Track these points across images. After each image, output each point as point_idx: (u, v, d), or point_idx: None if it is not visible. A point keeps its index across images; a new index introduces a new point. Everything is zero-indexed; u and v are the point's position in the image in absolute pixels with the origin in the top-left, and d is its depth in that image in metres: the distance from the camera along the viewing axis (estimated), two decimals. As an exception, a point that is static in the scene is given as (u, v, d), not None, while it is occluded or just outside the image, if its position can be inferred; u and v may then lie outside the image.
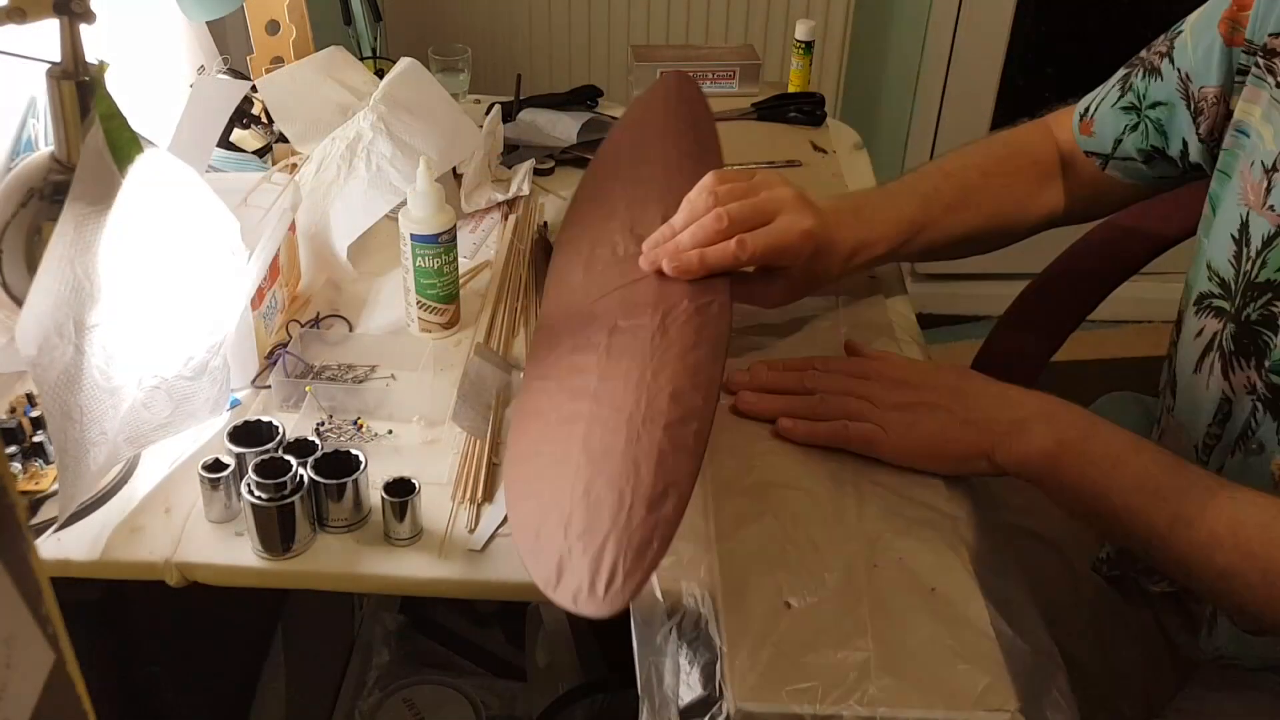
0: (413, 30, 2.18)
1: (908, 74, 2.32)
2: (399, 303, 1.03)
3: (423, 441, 0.88)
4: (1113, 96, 0.98)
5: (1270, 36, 0.82)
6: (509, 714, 1.44)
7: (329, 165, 1.09)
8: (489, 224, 1.20)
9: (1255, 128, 0.84)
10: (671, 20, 2.20)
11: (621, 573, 0.63)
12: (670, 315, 0.82)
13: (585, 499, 0.69)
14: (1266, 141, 0.83)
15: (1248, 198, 0.84)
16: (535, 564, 0.70)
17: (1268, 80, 0.83)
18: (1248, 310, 0.83)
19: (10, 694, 0.36)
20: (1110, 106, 0.98)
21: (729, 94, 1.51)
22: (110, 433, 0.75)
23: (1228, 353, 0.85)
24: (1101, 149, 0.99)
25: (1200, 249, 0.91)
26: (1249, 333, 0.83)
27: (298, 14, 1.29)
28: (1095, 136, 1.00)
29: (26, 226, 0.75)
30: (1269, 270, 0.81)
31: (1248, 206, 0.84)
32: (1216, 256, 0.87)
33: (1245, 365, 0.84)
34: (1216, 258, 0.87)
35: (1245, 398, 0.84)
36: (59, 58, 0.73)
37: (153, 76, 1.20)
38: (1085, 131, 1.01)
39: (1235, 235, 0.85)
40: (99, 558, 0.78)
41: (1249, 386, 0.83)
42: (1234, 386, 0.85)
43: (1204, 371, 0.89)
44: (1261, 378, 0.82)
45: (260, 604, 1.24)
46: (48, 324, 0.68)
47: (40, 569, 0.37)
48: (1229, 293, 0.86)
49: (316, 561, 0.78)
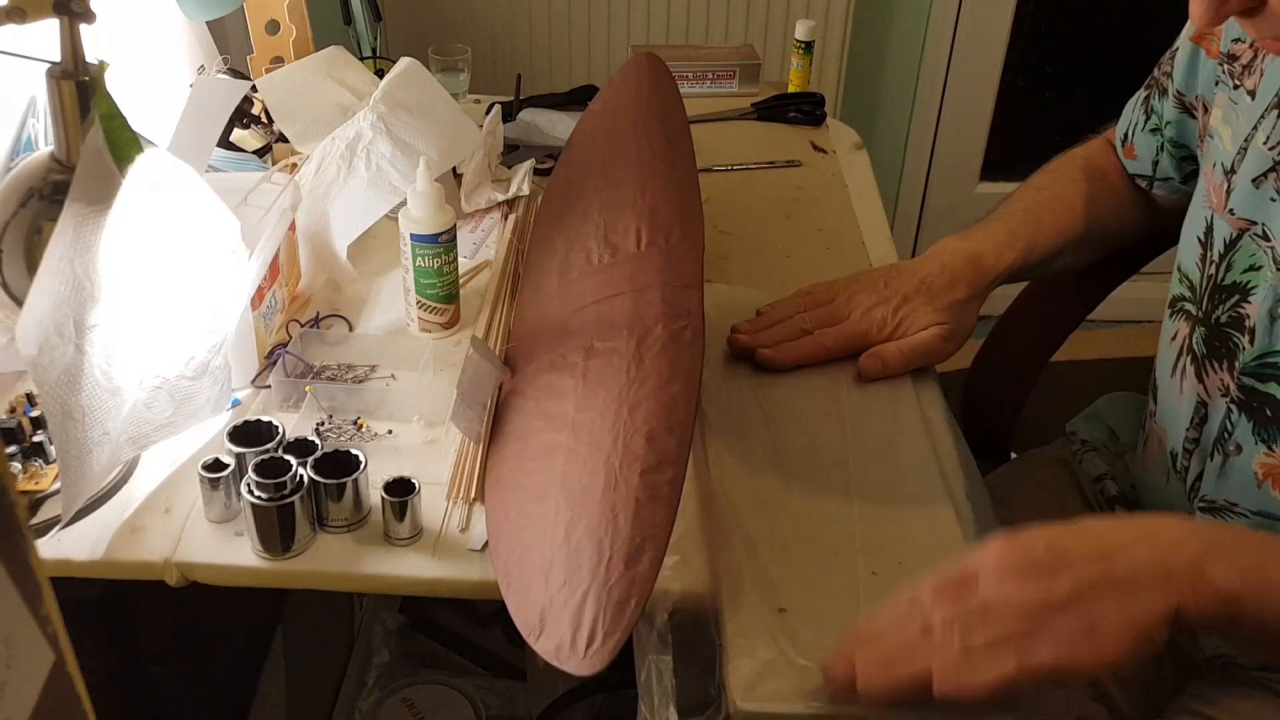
0: (413, 30, 2.18)
1: (908, 74, 2.32)
2: (399, 303, 1.03)
3: (423, 441, 0.88)
4: (1141, 120, 1.01)
5: (1233, 43, 0.85)
6: (509, 714, 1.44)
7: (329, 165, 1.09)
8: (489, 224, 1.20)
9: (1217, 130, 0.86)
10: (671, 20, 2.20)
11: (601, 632, 0.65)
12: (645, 342, 0.80)
13: (565, 545, 0.70)
14: (1225, 143, 0.84)
15: (1211, 200, 0.85)
16: (517, 609, 0.72)
17: (1227, 83, 0.85)
18: (1216, 313, 0.84)
19: (10, 694, 0.36)
20: (1142, 131, 1.00)
21: (729, 94, 1.51)
22: (113, 433, 0.75)
23: (1200, 356, 0.86)
24: (1145, 171, 1.02)
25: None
26: (1219, 335, 0.83)
27: (298, 14, 1.29)
28: (1138, 160, 1.02)
29: (26, 226, 0.75)
30: (1234, 273, 0.82)
31: (1211, 209, 0.85)
32: (1185, 260, 0.89)
33: (1218, 368, 0.84)
34: (1185, 261, 0.89)
35: (1220, 400, 0.84)
36: (59, 58, 0.73)
37: (153, 76, 1.20)
38: (1129, 156, 1.03)
39: (1200, 238, 0.86)
40: (99, 558, 0.77)
41: (1223, 389, 0.84)
42: (1208, 389, 0.85)
43: (1178, 376, 0.89)
44: (1234, 380, 0.82)
45: (260, 604, 1.24)
46: (48, 324, 0.68)
47: (40, 569, 0.37)
48: (1196, 296, 0.87)
49: (316, 561, 0.78)
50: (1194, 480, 0.88)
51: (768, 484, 0.81)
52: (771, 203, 1.26)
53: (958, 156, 2.40)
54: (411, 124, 1.10)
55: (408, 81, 1.14)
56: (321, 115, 1.16)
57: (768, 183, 1.31)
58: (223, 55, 1.32)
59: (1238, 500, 0.85)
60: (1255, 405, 0.80)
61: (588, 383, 0.81)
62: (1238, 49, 0.85)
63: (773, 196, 1.27)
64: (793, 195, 1.28)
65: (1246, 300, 0.81)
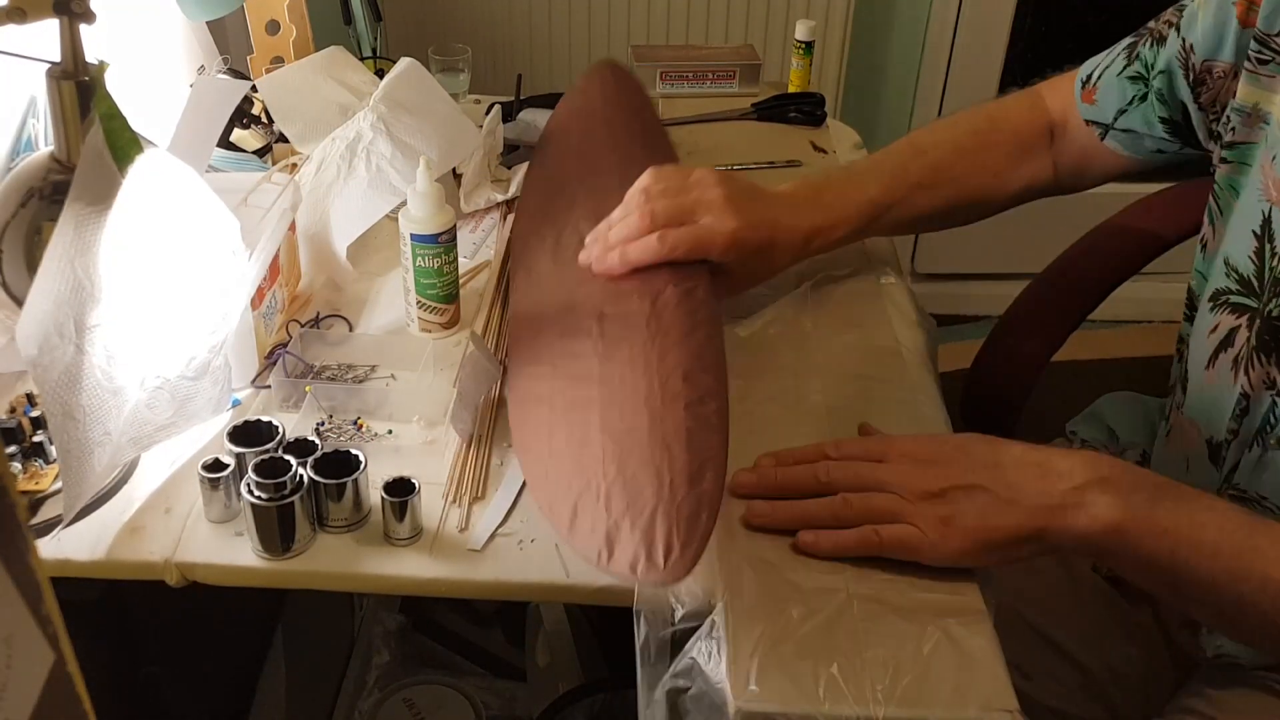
0: (413, 30, 2.18)
1: (908, 74, 2.32)
2: (399, 303, 1.03)
3: (422, 441, 0.88)
4: (1118, 65, 0.97)
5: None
6: (509, 714, 1.44)
7: (329, 165, 1.09)
8: (489, 224, 1.20)
9: (1275, 119, 0.83)
10: (671, 20, 2.20)
11: (678, 544, 0.64)
12: (659, 300, 0.82)
13: (620, 477, 0.69)
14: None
15: (1269, 193, 0.82)
16: (578, 540, 0.69)
17: (1275, 63, 0.82)
18: (1271, 306, 0.82)
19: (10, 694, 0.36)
20: (1116, 75, 0.97)
21: (729, 94, 1.51)
22: (114, 433, 0.75)
23: (1250, 348, 0.84)
24: (1102, 118, 0.98)
25: (1206, 245, 0.91)
26: (1272, 329, 0.82)
27: (298, 14, 1.29)
28: (1097, 105, 0.99)
29: (26, 226, 0.75)
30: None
31: (1270, 202, 0.82)
32: (1235, 252, 0.86)
33: (1266, 361, 0.83)
34: (1235, 254, 0.86)
35: (1264, 393, 0.83)
36: (59, 58, 0.73)
37: (153, 76, 1.20)
38: (1087, 99, 0.99)
39: (1256, 231, 0.84)
40: (99, 558, 0.77)
41: (1268, 382, 0.83)
42: (1252, 382, 0.84)
43: (1218, 368, 0.88)
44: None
45: (260, 604, 1.24)
46: (48, 324, 0.68)
47: (40, 569, 0.37)
48: (1251, 290, 0.85)
49: (316, 561, 0.78)
50: (1228, 471, 0.87)
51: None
52: (771, 203, 1.26)
53: (958, 156, 2.40)
54: (411, 124, 1.10)
55: (408, 82, 1.14)
56: (321, 115, 1.16)
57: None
58: (223, 55, 1.32)
59: (1268, 494, 0.84)
60: None
61: (607, 342, 0.81)
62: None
63: (773, 196, 1.27)
64: (793, 195, 1.28)
65: None
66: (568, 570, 0.77)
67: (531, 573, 0.77)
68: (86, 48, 0.73)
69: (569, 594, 0.78)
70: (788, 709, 0.64)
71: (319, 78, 1.19)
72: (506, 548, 0.79)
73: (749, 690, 0.64)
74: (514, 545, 0.79)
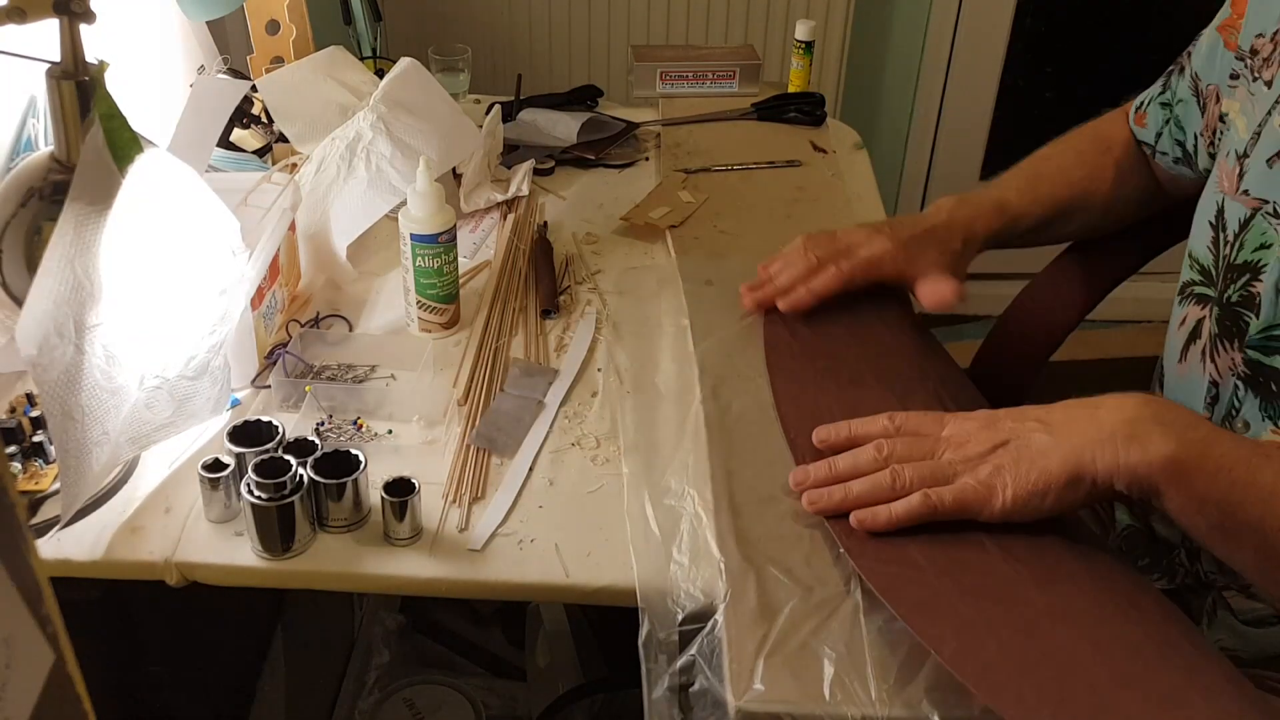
0: (413, 30, 2.18)
1: (908, 74, 2.32)
2: (399, 303, 1.03)
3: (422, 441, 0.88)
4: (1156, 91, 1.03)
5: (1255, 38, 0.87)
6: (509, 714, 1.44)
7: (329, 165, 1.09)
8: (489, 224, 1.20)
9: (1234, 121, 0.88)
10: (671, 20, 2.20)
11: None
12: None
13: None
14: (1240, 131, 0.86)
15: (1223, 184, 0.86)
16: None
17: (1247, 77, 0.87)
18: (1228, 292, 0.85)
19: (10, 694, 0.36)
20: (1155, 101, 1.02)
21: (729, 94, 1.51)
22: (113, 433, 0.75)
23: (1212, 336, 0.86)
24: (1149, 140, 1.03)
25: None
26: (1230, 314, 0.84)
27: (298, 14, 1.29)
28: (1146, 128, 1.04)
29: (26, 226, 0.75)
30: (1245, 252, 0.83)
31: (1223, 193, 0.86)
32: (1196, 245, 0.89)
33: (1229, 347, 0.85)
34: (1196, 246, 0.89)
35: (1229, 379, 0.85)
36: (59, 58, 0.73)
37: (153, 76, 1.20)
38: (1139, 123, 1.05)
39: (1212, 221, 0.87)
40: (99, 558, 0.78)
41: (1232, 367, 0.84)
42: (1219, 369, 0.86)
43: (1189, 359, 0.90)
44: (1243, 356, 0.82)
45: (260, 604, 1.23)
46: (48, 324, 0.68)
47: (40, 569, 0.37)
48: (1210, 278, 0.87)
49: (316, 561, 0.78)
50: None
51: (766, 484, 0.80)
52: (771, 203, 1.26)
53: (958, 156, 2.40)
54: (411, 124, 1.10)
55: (408, 81, 1.14)
56: (321, 115, 1.16)
57: (768, 183, 1.31)
58: (223, 55, 1.32)
59: None
60: (1261, 380, 0.81)
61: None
62: (1259, 44, 0.86)
63: (773, 196, 1.27)
64: (793, 195, 1.28)
65: (1257, 279, 0.81)
66: (567, 570, 0.77)
67: (531, 573, 0.77)
68: (86, 48, 0.73)
69: (569, 594, 0.78)
70: (790, 708, 0.64)
71: (319, 78, 1.19)
72: (506, 548, 0.79)
73: (752, 689, 0.64)
74: (514, 545, 0.79)
